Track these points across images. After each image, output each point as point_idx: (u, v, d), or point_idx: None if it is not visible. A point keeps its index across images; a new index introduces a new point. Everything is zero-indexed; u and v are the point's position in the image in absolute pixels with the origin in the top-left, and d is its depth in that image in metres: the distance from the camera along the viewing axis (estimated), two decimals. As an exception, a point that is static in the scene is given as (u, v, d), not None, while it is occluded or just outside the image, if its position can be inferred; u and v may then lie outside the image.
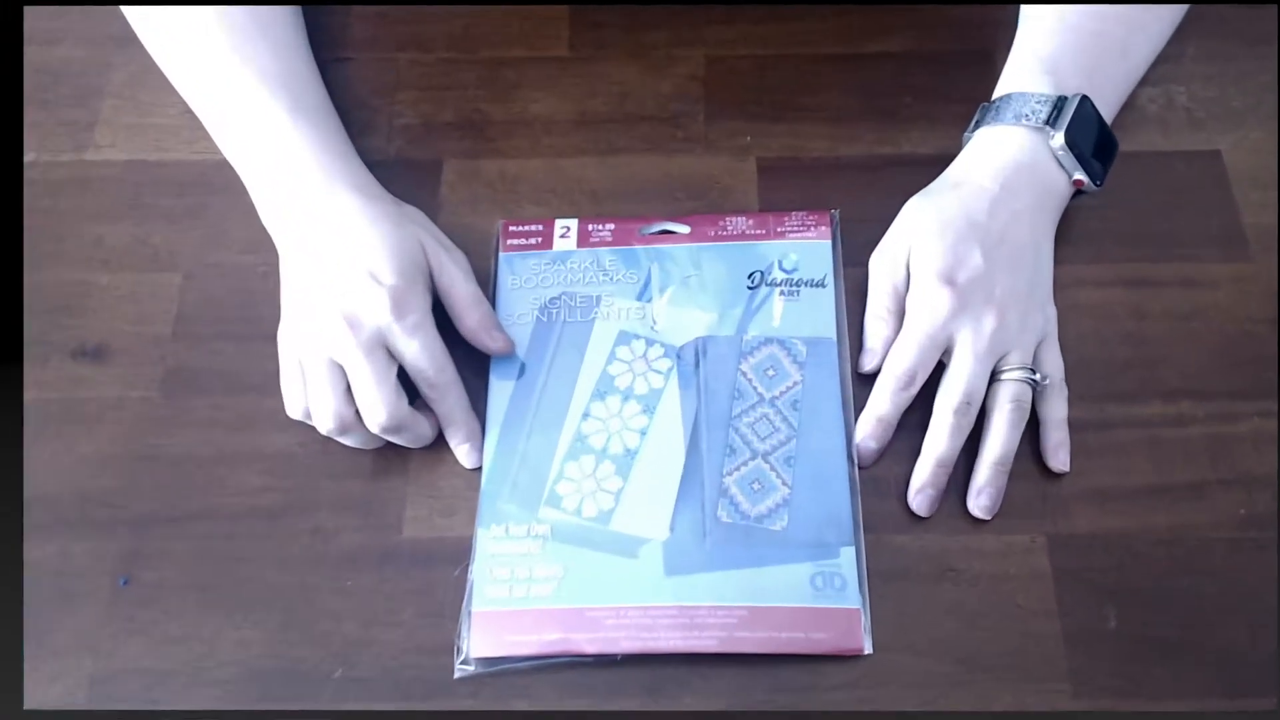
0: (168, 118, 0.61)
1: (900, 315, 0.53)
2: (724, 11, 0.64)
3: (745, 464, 0.50)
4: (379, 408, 0.48)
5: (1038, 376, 0.51)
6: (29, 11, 0.64)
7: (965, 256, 0.51)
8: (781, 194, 0.58)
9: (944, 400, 0.50)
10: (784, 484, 0.50)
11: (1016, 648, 0.47)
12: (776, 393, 0.52)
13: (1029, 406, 0.51)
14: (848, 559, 0.48)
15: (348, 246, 0.50)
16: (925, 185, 0.55)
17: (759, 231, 0.56)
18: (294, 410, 0.50)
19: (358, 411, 0.49)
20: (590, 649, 0.47)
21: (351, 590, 0.49)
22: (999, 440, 0.50)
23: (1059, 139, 0.52)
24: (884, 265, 0.54)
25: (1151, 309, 0.55)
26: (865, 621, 0.47)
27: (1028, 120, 0.53)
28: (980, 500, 0.50)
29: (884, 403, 0.51)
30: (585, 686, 0.47)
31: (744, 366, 0.53)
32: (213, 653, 0.48)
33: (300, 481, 0.51)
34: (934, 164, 0.56)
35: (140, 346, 0.55)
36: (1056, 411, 0.51)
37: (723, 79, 0.62)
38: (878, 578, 0.49)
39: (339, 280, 0.49)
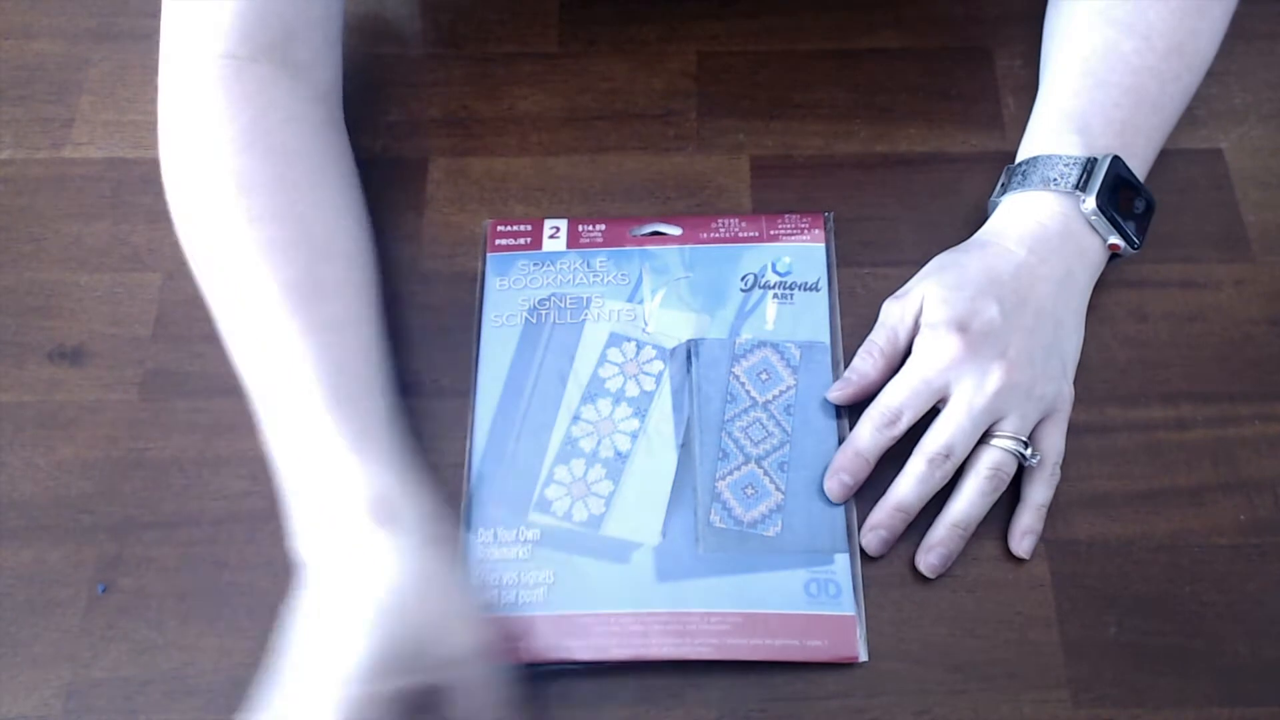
0: (147, 114, 0.60)
1: (890, 358, 0.50)
2: (717, 7, 0.63)
3: (738, 468, 0.50)
4: None
5: (1028, 453, 0.48)
6: (3, 5, 0.63)
7: (981, 309, 0.48)
8: (775, 193, 0.58)
9: (923, 446, 0.48)
10: (777, 489, 0.49)
11: (1015, 656, 0.47)
12: (769, 396, 0.51)
13: (1008, 480, 0.48)
14: (842, 565, 0.48)
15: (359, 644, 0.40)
16: (921, 184, 0.54)
17: (752, 234, 0.55)
18: None
19: None
20: (580, 656, 0.46)
21: (336, 598, 0.48)
22: (964, 504, 0.48)
23: (1090, 203, 0.50)
24: (893, 309, 0.51)
25: (1152, 310, 0.54)
26: (860, 629, 0.47)
27: (1056, 185, 0.50)
28: (928, 559, 0.48)
29: (864, 437, 0.48)
30: (575, 694, 0.46)
31: (737, 370, 0.52)
32: (194, 661, 0.47)
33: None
34: (930, 162, 0.56)
35: (119, 348, 0.54)
36: (1039, 495, 0.49)
37: (715, 76, 0.61)
38: (873, 584, 0.48)
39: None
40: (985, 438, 0.48)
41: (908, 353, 0.50)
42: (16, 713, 0.46)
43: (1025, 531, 0.48)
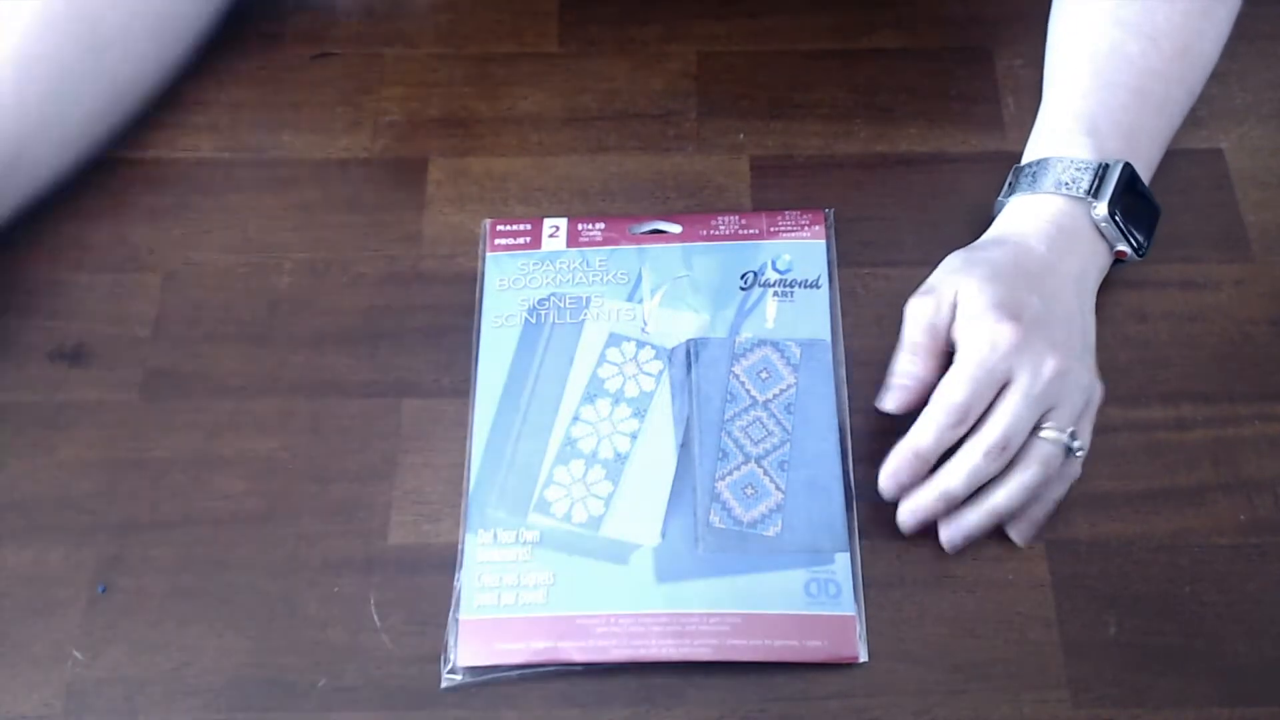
0: (147, 114, 0.60)
1: (935, 354, 0.48)
2: (717, 6, 0.63)
3: (738, 468, 0.50)
4: None
5: (1075, 445, 0.47)
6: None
7: (1025, 299, 0.47)
8: (775, 193, 0.58)
9: (980, 438, 0.46)
10: (777, 489, 0.49)
11: (1015, 656, 0.47)
12: (770, 395, 0.51)
13: (1055, 473, 0.47)
14: (842, 565, 0.48)
15: None
16: (922, 184, 0.54)
17: (752, 231, 0.55)
18: None
19: None
20: (580, 657, 0.46)
21: (337, 597, 0.48)
22: (1008, 495, 0.46)
23: (1101, 210, 0.49)
24: (925, 305, 0.48)
25: (1152, 310, 0.54)
26: (860, 629, 0.47)
27: (1068, 189, 0.49)
28: (953, 536, 0.47)
29: (927, 437, 0.46)
30: (575, 696, 0.46)
31: (736, 369, 0.52)
32: (194, 661, 0.47)
33: (284, 487, 0.50)
34: (931, 162, 0.56)
35: (120, 348, 0.54)
36: (1057, 489, 0.48)
37: (715, 75, 0.61)
38: (873, 584, 0.48)
39: None
40: (1034, 430, 0.47)
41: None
42: (16, 713, 0.46)
43: (1032, 522, 0.48)
